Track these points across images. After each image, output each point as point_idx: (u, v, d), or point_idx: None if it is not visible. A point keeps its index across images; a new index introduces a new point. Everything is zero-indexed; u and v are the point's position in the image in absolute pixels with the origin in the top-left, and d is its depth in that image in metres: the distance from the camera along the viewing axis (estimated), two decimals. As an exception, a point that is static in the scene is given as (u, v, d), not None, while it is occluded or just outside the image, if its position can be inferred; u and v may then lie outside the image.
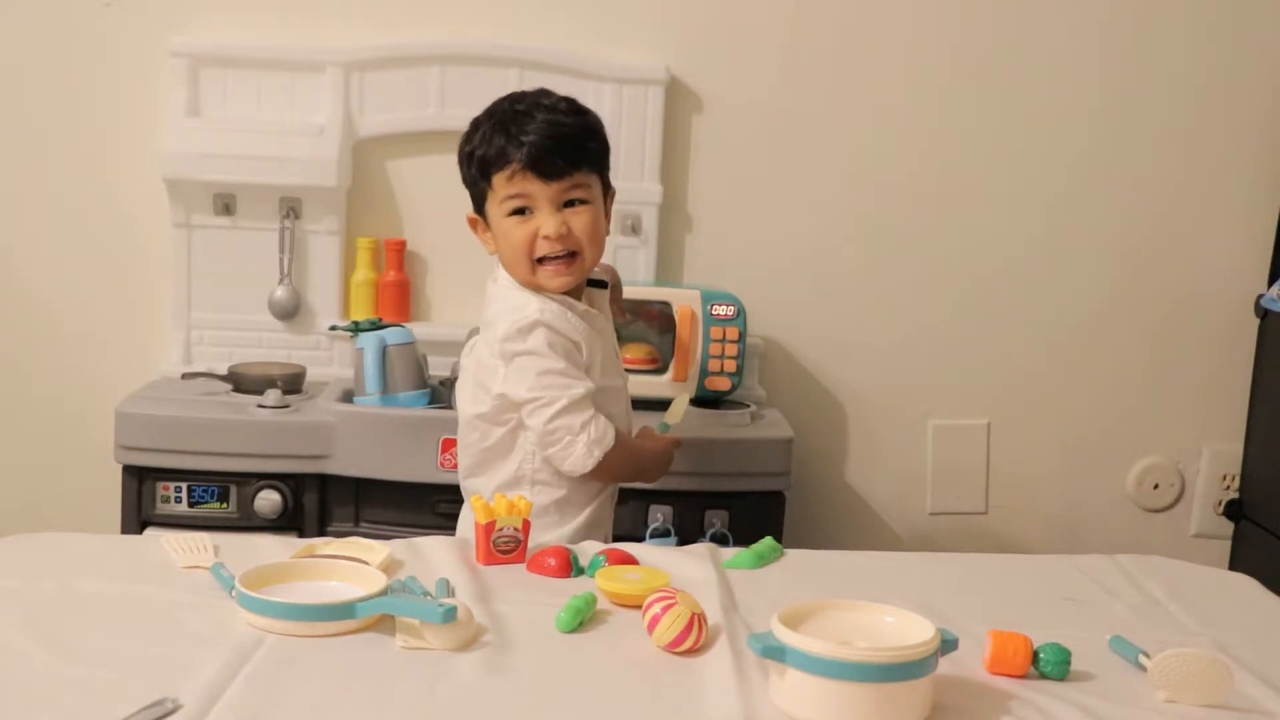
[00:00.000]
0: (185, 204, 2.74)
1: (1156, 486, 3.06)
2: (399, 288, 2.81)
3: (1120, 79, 2.90)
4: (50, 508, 2.84)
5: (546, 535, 1.91)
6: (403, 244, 2.82)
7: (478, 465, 2.03)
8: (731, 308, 2.60)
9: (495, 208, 1.93)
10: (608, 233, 1.98)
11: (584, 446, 1.91)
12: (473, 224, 2.02)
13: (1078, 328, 2.98)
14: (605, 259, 2.10)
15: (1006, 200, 2.93)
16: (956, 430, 3.01)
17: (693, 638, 1.44)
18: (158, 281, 2.82)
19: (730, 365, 2.61)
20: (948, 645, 1.34)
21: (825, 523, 2.97)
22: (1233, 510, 3.02)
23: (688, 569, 1.73)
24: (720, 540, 2.30)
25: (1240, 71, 2.91)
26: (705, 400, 2.63)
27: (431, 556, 1.74)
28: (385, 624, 1.48)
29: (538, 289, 1.92)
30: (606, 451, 1.92)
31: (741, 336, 2.61)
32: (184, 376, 2.62)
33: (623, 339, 2.36)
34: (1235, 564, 2.99)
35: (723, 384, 2.61)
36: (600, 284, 2.06)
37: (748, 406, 2.63)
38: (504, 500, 1.76)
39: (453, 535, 1.92)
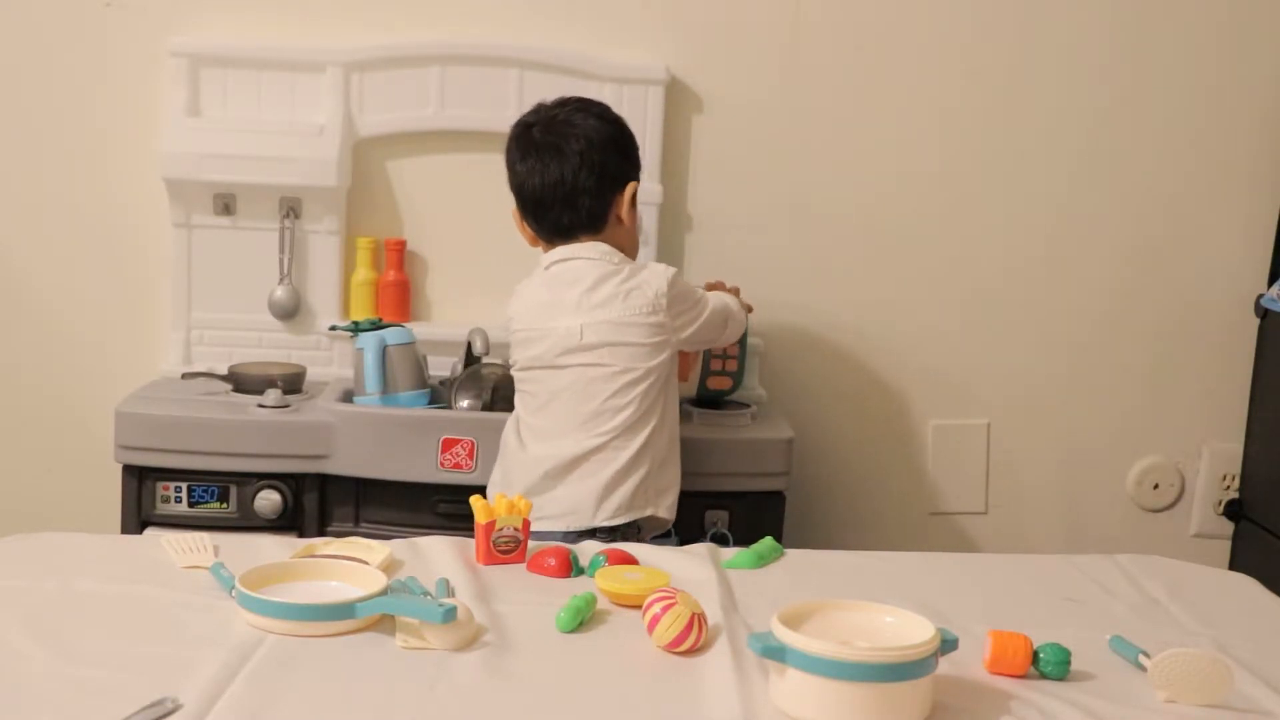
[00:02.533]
0: (185, 204, 2.74)
1: (1156, 486, 3.06)
2: (399, 288, 2.81)
3: (1121, 80, 2.90)
4: (50, 508, 2.84)
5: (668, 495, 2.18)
6: (403, 244, 2.82)
7: (638, 420, 2.14)
8: None
9: (634, 197, 2.25)
10: None
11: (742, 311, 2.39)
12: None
13: (1078, 328, 2.98)
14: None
15: (1007, 200, 2.93)
16: (956, 430, 3.01)
17: (693, 638, 1.45)
18: (158, 281, 2.82)
19: (731, 365, 2.60)
20: (948, 645, 1.34)
21: (825, 523, 2.97)
22: (1233, 510, 3.02)
23: (688, 569, 1.73)
24: (720, 540, 2.30)
25: (1241, 72, 2.91)
26: (706, 400, 2.63)
27: (431, 556, 1.75)
28: (385, 624, 1.48)
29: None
30: None
31: (743, 336, 2.60)
32: (184, 376, 2.63)
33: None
34: (1235, 564, 2.99)
35: (724, 383, 2.61)
36: None
37: (748, 406, 2.62)
38: (504, 500, 1.76)
39: (452, 535, 1.92)
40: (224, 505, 2.45)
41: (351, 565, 1.60)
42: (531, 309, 2.19)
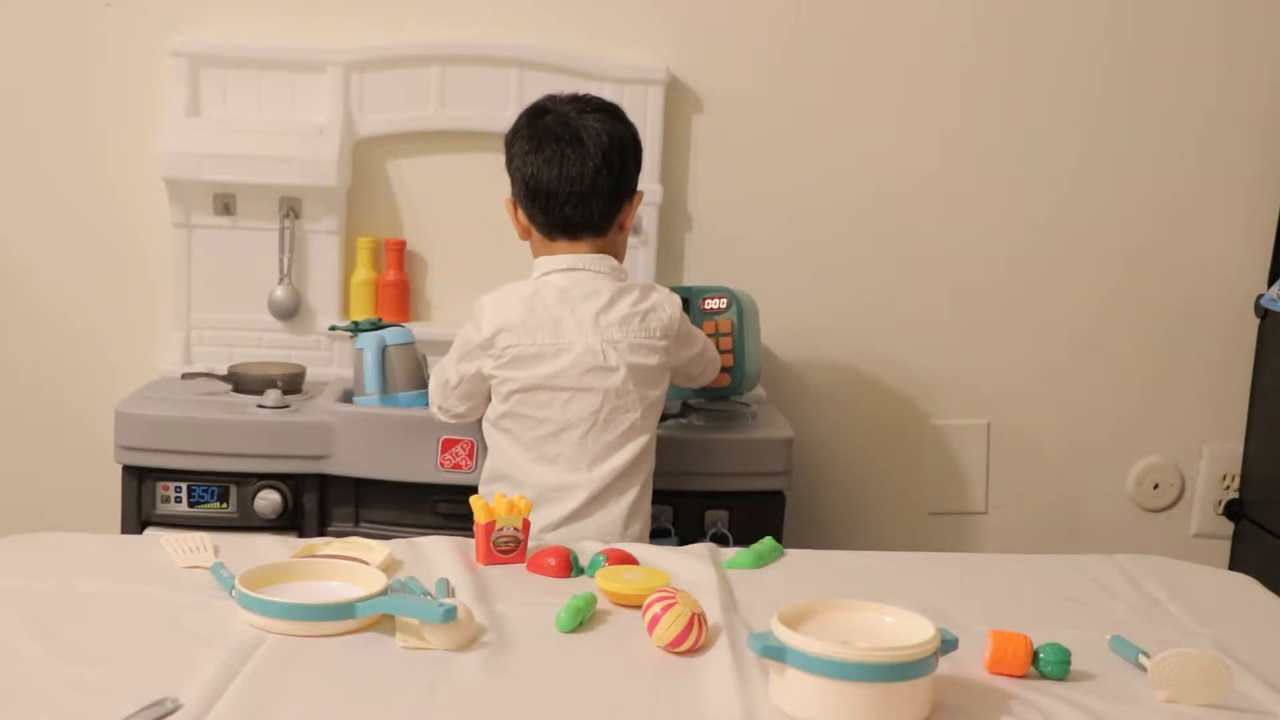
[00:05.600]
0: (185, 204, 2.74)
1: (1156, 486, 3.06)
2: (399, 288, 2.81)
3: (1121, 79, 2.90)
4: (50, 508, 2.84)
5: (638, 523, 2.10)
6: (403, 244, 2.82)
7: (643, 454, 2.11)
8: (723, 300, 2.51)
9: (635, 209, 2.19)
10: None
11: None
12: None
13: (1078, 328, 2.98)
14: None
15: (1007, 200, 2.93)
16: (956, 430, 3.01)
17: (693, 638, 1.45)
18: (158, 281, 2.82)
19: (727, 360, 2.52)
20: (948, 645, 1.34)
21: (825, 523, 2.97)
22: (1233, 510, 3.02)
23: (688, 569, 1.73)
24: (720, 540, 2.30)
25: (1240, 71, 2.91)
26: (704, 393, 2.59)
27: (431, 556, 1.75)
28: (385, 624, 1.48)
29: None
30: None
31: (736, 329, 2.51)
32: (184, 376, 2.62)
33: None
34: (1235, 564, 2.99)
35: (721, 380, 2.53)
36: None
37: (748, 406, 2.62)
38: (504, 500, 1.76)
39: (452, 535, 1.92)
40: (224, 505, 2.45)
41: (351, 565, 1.60)
42: (534, 323, 2.04)
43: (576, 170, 2.06)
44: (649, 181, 2.78)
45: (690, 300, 2.53)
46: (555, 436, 2.06)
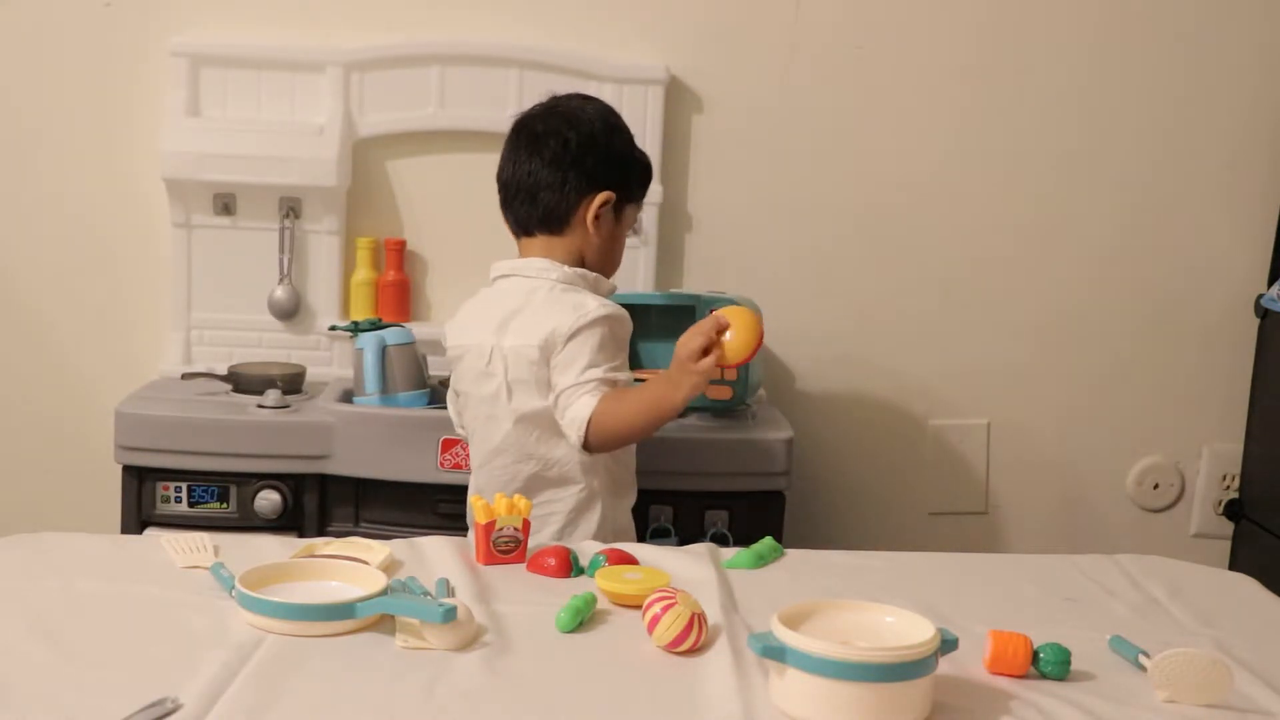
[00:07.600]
0: (185, 204, 2.74)
1: (1156, 486, 3.06)
2: (399, 288, 2.82)
3: (1119, 78, 2.90)
4: (50, 508, 2.84)
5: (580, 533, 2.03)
6: (403, 244, 2.82)
7: (561, 465, 2.04)
8: None
9: (628, 213, 2.12)
10: None
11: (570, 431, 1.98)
12: (606, 202, 2.07)
13: (1078, 328, 2.98)
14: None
15: (1006, 199, 2.93)
16: (956, 430, 3.01)
17: (693, 638, 1.44)
18: (158, 281, 2.82)
19: (730, 374, 2.52)
20: (948, 645, 1.34)
21: (825, 523, 2.97)
22: (1233, 510, 3.02)
23: (688, 569, 1.73)
24: (720, 540, 2.30)
25: (1241, 70, 2.91)
26: (705, 406, 2.58)
27: (431, 556, 1.75)
28: (385, 624, 1.48)
29: (596, 290, 2.06)
30: (586, 427, 1.93)
31: None
32: (184, 376, 2.63)
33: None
34: (1235, 564, 2.99)
35: (723, 393, 2.49)
36: None
37: (748, 406, 2.62)
38: (504, 500, 1.76)
39: (451, 535, 1.91)
40: (224, 505, 2.46)
41: (351, 565, 1.60)
42: (459, 325, 2.10)
43: (526, 168, 2.06)
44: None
45: (698, 309, 2.52)
46: (471, 439, 2.13)
